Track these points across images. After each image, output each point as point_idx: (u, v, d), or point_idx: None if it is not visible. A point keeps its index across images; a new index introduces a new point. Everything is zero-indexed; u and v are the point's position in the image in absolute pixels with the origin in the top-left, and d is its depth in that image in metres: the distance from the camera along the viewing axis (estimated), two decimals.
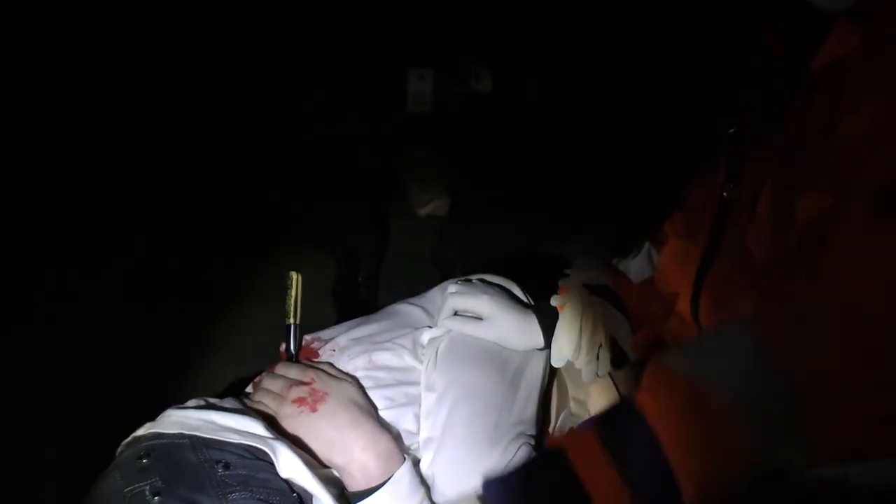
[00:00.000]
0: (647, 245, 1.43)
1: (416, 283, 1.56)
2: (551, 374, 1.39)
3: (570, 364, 1.33)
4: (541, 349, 1.32)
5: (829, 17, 0.87)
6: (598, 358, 1.34)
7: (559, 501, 0.90)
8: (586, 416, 1.40)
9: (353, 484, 1.13)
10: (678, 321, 1.20)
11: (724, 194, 1.07)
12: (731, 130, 1.11)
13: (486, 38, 1.94)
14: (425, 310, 1.37)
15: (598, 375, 1.34)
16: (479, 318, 1.32)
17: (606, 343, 1.34)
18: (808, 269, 0.84)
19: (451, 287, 1.38)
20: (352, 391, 1.20)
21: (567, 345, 1.31)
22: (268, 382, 1.21)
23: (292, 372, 1.22)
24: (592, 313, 1.35)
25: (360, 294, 2.06)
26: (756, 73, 1.10)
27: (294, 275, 1.30)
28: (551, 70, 1.99)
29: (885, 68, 0.80)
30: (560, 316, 1.34)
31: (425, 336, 1.30)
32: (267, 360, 1.29)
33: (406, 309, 1.39)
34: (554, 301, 1.35)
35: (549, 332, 1.33)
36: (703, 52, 1.74)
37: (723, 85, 1.21)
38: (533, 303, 1.39)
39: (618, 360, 1.36)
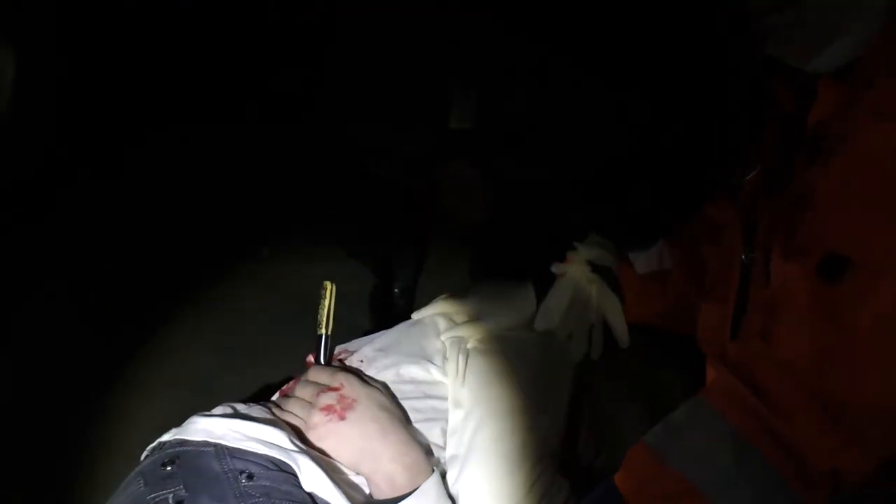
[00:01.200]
0: (660, 242, 1.43)
1: None
2: (579, 393, 1.38)
3: (552, 336, 1.34)
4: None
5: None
6: (590, 338, 1.35)
7: None
8: (614, 437, 1.39)
9: (379, 493, 1.12)
10: None
11: (743, 257, 1.07)
12: (747, 179, 1.10)
13: (524, 58, 1.94)
14: (451, 321, 1.37)
15: (589, 357, 1.35)
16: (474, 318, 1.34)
17: (599, 324, 1.36)
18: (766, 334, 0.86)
19: (440, 297, 1.41)
20: (381, 398, 1.19)
21: (555, 311, 1.33)
22: (300, 390, 1.21)
23: (322, 377, 1.21)
24: (588, 289, 1.36)
25: (396, 306, 2.06)
26: (770, 128, 1.09)
27: (328, 284, 1.30)
28: (590, 92, 1.99)
29: (846, 131, 0.80)
30: (556, 282, 1.35)
31: (448, 349, 1.30)
32: (296, 367, 1.29)
33: (431, 321, 1.39)
34: (554, 268, 1.37)
35: (542, 299, 1.35)
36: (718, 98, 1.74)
37: (737, 135, 1.20)
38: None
39: (609, 348, 1.39)
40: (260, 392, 1.54)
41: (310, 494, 1.06)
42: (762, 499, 0.81)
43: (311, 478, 1.05)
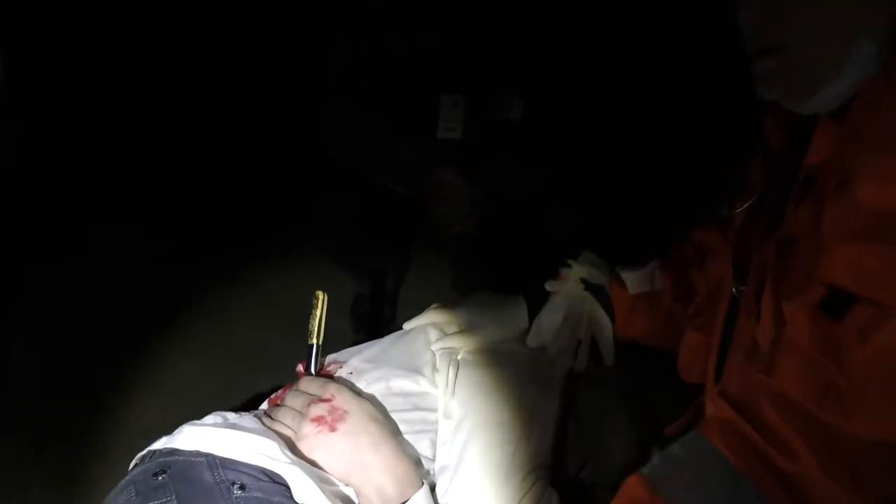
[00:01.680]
0: (654, 262, 1.44)
1: None
2: (568, 406, 1.39)
3: (543, 350, 1.35)
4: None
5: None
6: (576, 354, 1.37)
7: None
8: (602, 450, 1.40)
9: None
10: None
11: (734, 290, 1.07)
12: (738, 211, 1.11)
13: (519, 66, 1.94)
14: (441, 331, 1.37)
15: (573, 371, 1.36)
16: (465, 329, 1.35)
17: (587, 341, 1.37)
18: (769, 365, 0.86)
19: (431, 307, 1.42)
20: (372, 410, 1.19)
21: (547, 328, 1.34)
22: (290, 400, 1.21)
23: (313, 387, 1.21)
24: (581, 307, 1.38)
25: (382, 314, 2.06)
26: (761, 161, 1.10)
27: (320, 294, 1.30)
28: (583, 98, 2.00)
29: (848, 170, 0.80)
30: (549, 299, 1.37)
31: (438, 361, 1.30)
32: (284, 374, 1.28)
33: (422, 331, 1.39)
34: (548, 285, 1.38)
35: (535, 314, 1.37)
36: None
37: (728, 168, 1.21)
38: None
39: (596, 363, 1.40)
40: (250, 401, 1.54)
41: None
42: None
43: (303, 490, 1.05)
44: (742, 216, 1.10)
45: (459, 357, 1.30)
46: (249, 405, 1.28)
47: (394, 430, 1.20)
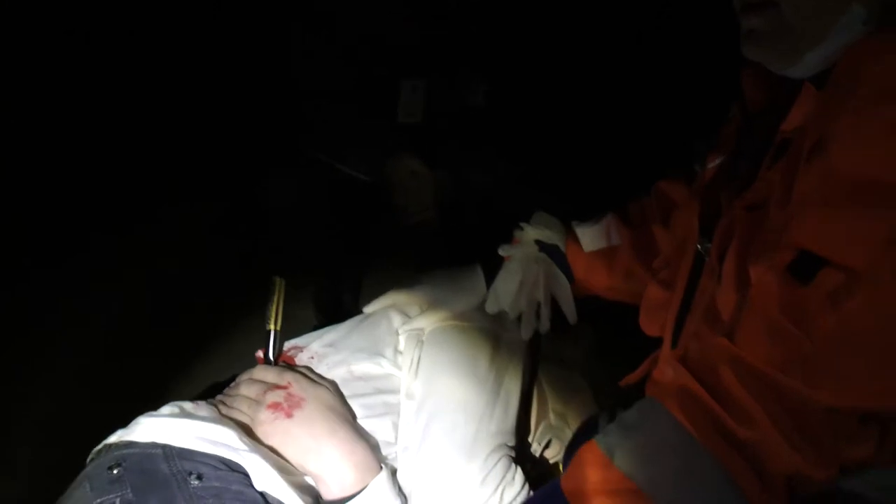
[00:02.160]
0: (608, 216, 1.43)
1: None
2: (531, 383, 1.39)
3: (505, 314, 1.35)
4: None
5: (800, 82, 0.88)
6: (538, 316, 1.36)
7: None
8: (566, 430, 1.40)
9: (328, 493, 1.11)
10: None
11: (699, 246, 1.07)
12: (709, 167, 1.11)
13: (480, 51, 1.94)
14: (404, 314, 1.37)
15: (539, 333, 1.37)
16: (427, 308, 1.34)
17: (547, 302, 1.37)
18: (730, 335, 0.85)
19: (391, 290, 1.42)
20: (329, 397, 1.18)
21: (504, 293, 1.34)
22: (245, 388, 1.20)
23: (270, 376, 1.20)
24: (537, 268, 1.37)
25: (344, 301, 2.05)
26: (736, 117, 1.10)
27: (278, 280, 1.29)
28: (545, 82, 2.00)
29: (828, 134, 0.79)
30: (504, 264, 1.37)
31: (402, 342, 1.29)
32: (242, 363, 1.27)
33: (383, 314, 1.38)
34: (502, 250, 1.38)
35: (492, 281, 1.37)
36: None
37: (704, 121, 1.20)
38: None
39: (558, 323, 1.39)
40: (207, 391, 1.52)
41: (261, 494, 1.04)
42: (711, 501, 0.81)
43: (263, 477, 1.04)
44: (711, 172, 1.10)
45: (424, 337, 1.30)
46: (207, 395, 1.26)
47: (351, 417, 1.20)
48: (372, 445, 1.17)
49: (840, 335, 0.75)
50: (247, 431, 1.13)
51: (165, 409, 1.14)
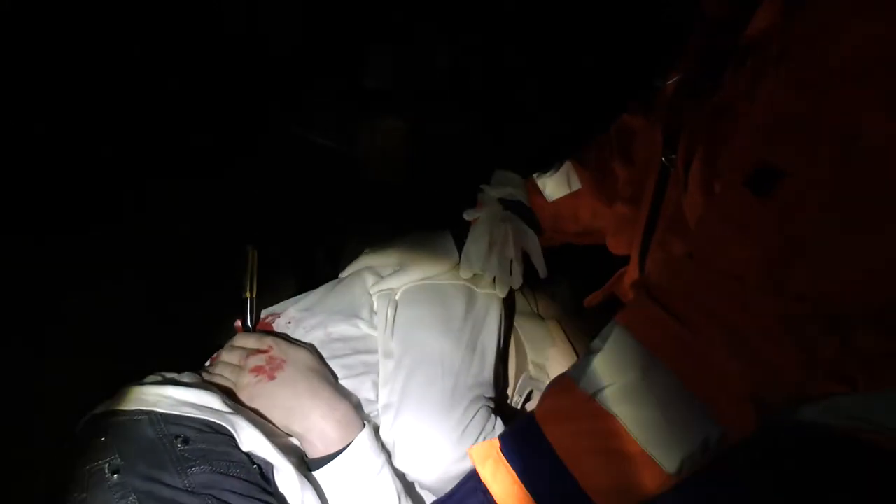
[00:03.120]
0: (567, 164, 1.45)
1: None
2: (508, 336, 1.41)
3: (478, 276, 1.36)
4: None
5: None
6: (511, 273, 1.38)
7: None
8: (546, 380, 1.42)
9: (313, 451, 1.14)
10: (630, 285, 1.22)
11: (663, 159, 1.08)
12: (669, 83, 1.12)
13: (446, 14, 1.95)
14: (377, 275, 1.38)
15: (513, 289, 1.38)
16: (400, 269, 1.36)
17: (518, 258, 1.39)
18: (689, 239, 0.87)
19: (364, 252, 1.44)
20: (309, 358, 1.21)
21: (475, 256, 1.36)
22: (226, 355, 1.22)
23: (250, 342, 1.22)
24: (504, 227, 1.39)
25: (319, 268, 2.06)
26: (697, 32, 1.10)
27: (251, 249, 1.31)
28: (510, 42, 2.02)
29: (787, 43, 0.81)
30: (471, 228, 1.39)
31: (375, 303, 1.31)
32: (224, 335, 1.28)
33: (358, 276, 1.40)
34: (467, 215, 1.40)
35: (462, 245, 1.38)
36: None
37: (664, 37, 1.20)
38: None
39: (533, 277, 1.42)
40: (190, 361, 1.53)
41: (247, 454, 1.07)
42: (670, 416, 0.83)
43: (248, 437, 1.06)
44: (672, 87, 1.11)
45: (398, 297, 1.31)
46: (190, 366, 1.27)
47: (331, 377, 1.22)
48: (354, 404, 1.20)
49: (791, 242, 0.77)
50: (230, 396, 1.15)
51: (149, 378, 1.16)
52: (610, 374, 0.87)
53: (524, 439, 0.93)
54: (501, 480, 0.91)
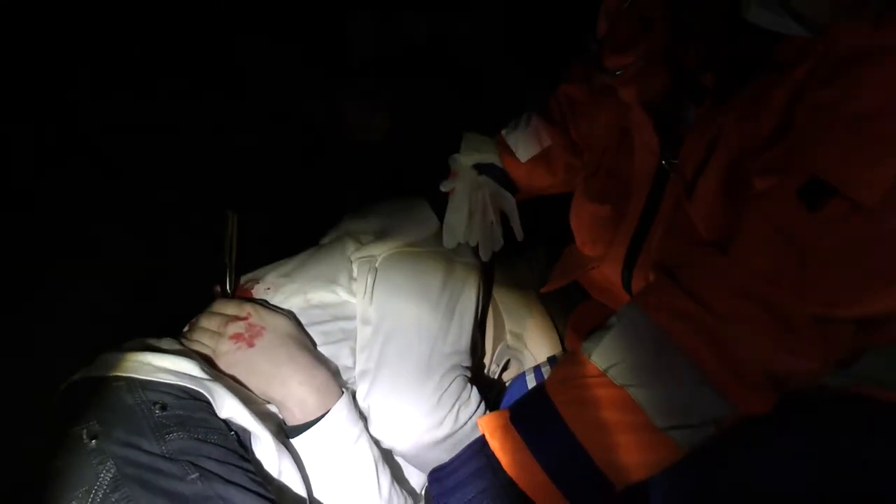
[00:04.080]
0: (534, 118, 1.45)
1: None
2: (486, 306, 1.42)
3: (462, 248, 1.38)
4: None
5: None
6: (491, 237, 1.40)
7: (493, 485, 0.94)
8: (523, 349, 1.44)
9: (292, 418, 1.15)
10: (602, 278, 1.22)
11: (663, 162, 1.07)
12: (617, 71, 1.09)
13: None
14: (357, 241, 1.39)
15: (494, 251, 1.40)
16: (381, 235, 1.37)
17: (498, 221, 1.41)
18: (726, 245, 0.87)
19: (344, 218, 1.45)
20: (288, 325, 1.21)
21: (457, 226, 1.37)
22: (204, 321, 1.22)
23: (229, 308, 1.22)
24: (481, 194, 1.40)
25: (297, 235, 2.05)
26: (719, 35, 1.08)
27: (231, 214, 1.30)
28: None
29: (837, 66, 0.80)
30: (450, 198, 1.39)
31: (355, 269, 1.32)
32: (202, 301, 1.28)
33: (338, 242, 1.40)
34: (443, 186, 1.41)
35: (442, 215, 1.39)
36: None
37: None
38: None
39: (511, 245, 1.43)
40: (168, 326, 1.53)
41: (225, 421, 1.08)
42: (683, 395, 0.85)
43: (226, 404, 1.07)
44: (631, 73, 1.07)
45: (377, 264, 1.32)
46: (169, 331, 1.27)
47: (310, 344, 1.23)
48: (332, 371, 1.20)
49: (836, 257, 0.78)
50: (209, 362, 1.16)
51: (128, 344, 1.16)
52: (624, 351, 0.89)
53: (535, 410, 0.94)
54: (511, 451, 0.92)
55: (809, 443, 0.88)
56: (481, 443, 0.97)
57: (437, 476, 1.02)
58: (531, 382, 1.33)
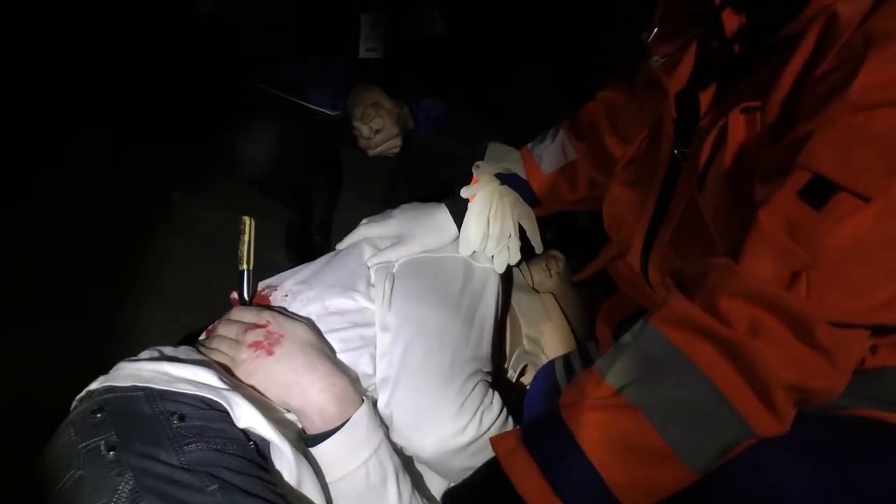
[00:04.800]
0: (560, 132, 1.44)
1: None
2: (504, 310, 1.41)
3: (478, 254, 1.37)
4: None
5: None
6: (508, 249, 1.38)
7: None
8: (540, 354, 1.43)
9: (312, 427, 1.13)
10: (627, 268, 1.21)
11: (675, 151, 1.06)
12: (660, 59, 1.09)
13: None
14: (374, 247, 1.38)
15: (510, 266, 1.39)
16: (398, 241, 1.36)
17: (516, 233, 1.40)
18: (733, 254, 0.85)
19: (361, 223, 1.42)
20: (307, 333, 1.20)
21: (475, 234, 1.36)
22: (223, 329, 1.21)
23: (247, 316, 1.21)
24: (502, 203, 1.39)
25: (314, 241, 2.05)
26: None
27: (247, 220, 1.29)
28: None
29: (838, 49, 0.78)
30: (469, 206, 1.38)
31: (373, 275, 1.31)
32: (219, 310, 1.27)
33: (355, 247, 1.39)
34: (464, 192, 1.39)
35: (461, 222, 1.38)
36: None
37: None
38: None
39: (525, 252, 1.42)
40: (186, 337, 1.53)
41: (244, 431, 1.06)
42: (699, 416, 0.82)
43: (245, 414, 1.05)
44: (672, 63, 1.05)
45: (395, 270, 1.31)
46: (186, 340, 1.27)
47: (329, 352, 1.21)
48: (352, 378, 1.19)
49: (845, 255, 0.76)
50: (227, 371, 1.15)
51: (145, 354, 1.15)
52: (638, 370, 0.87)
53: (547, 429, 0.92)
54: (521, 469, 0.90)
55: (817, 465, 0.85)
56: (493, 461, 0.95)
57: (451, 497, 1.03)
58: (560, 372, 1.32)
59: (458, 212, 1.37)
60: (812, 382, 0.79)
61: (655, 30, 1.10)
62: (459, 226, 1.37)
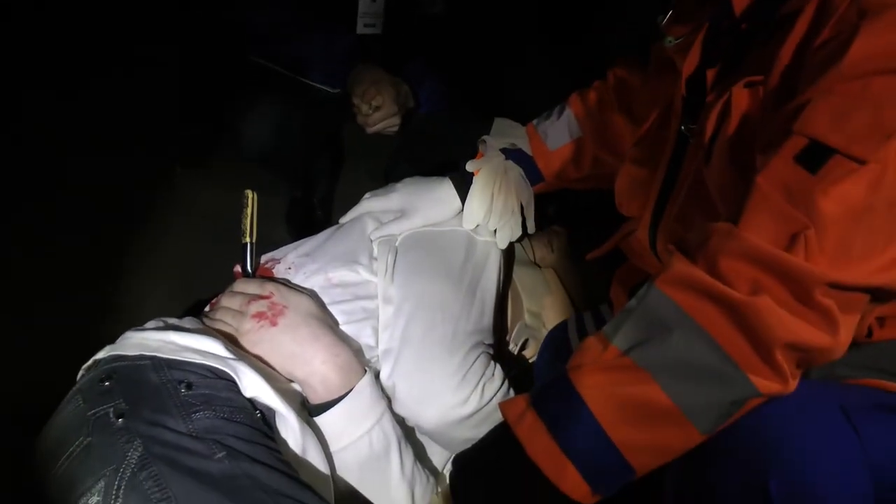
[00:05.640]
0: (566, 110, 1.45)
1: None
2: (506, 284, 1.42)
3: (481, 228, 1.38)
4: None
5: None
6: (511, 224, 1.39)
7: (515, 468, 0.93)
8: (541, 328, 1.43)
9: (315, 397, 1.15)
10: (638, 244, 1.22)
11: (682, 128, 1.07)
12: (671, 41, 1.10)
13: None
14: (377, 220, 1.39)
15: (511, 241, 1.40)
16: (401, 215, 1.36)
17: (518, 210, 1.40)
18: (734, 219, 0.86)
19: (364, 197, 1.43)
20: (310, 304, 1.21)
21: (478, 207, 1.37)
22: (226, 300, 1.22)
23: (251, 287, 1.22)
24: (506, 178, 1.40)
25: (316, 216, 2.05)
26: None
27: (250, 193, 1.30)
28: None
29: (834, 19, 0.80)
30: (474, 180, 1.39)
31: (376, 249, 1.31)
32: (223, 282, 1.28)
33: (358, 221, 1.40)
34: (469, 166, 1.40)
35: (465, 195, 1.38)
36: None
37: None
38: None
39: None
40: (191, 308, 1.53)
41: (250, 400, 1.08)
42: (706, 376, 0.83)
43: (251, 383, 1.07)
44: (686, 48, 1.07)
45: (398, 243, 1.32)
46: (191, 312, 1.28)
47: (333, 323, 1.23)
48: (355, 350, 1.20)
49: (842, 217, 0.78)
50: (232, 341, 1.16)
51: (151, 324, 1.16)
52: (644, 332, 0.88)
53: (555, 391, 0.93)
54: (532, 433, 0.91)
55: (822, 423, 0.87)
56: (505, 427, 0.96)
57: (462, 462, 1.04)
58: (572, 331, 1.34)
59: (463, 186, 1.38)
60: (811, 342, 0.80)
61: (670, 12, 1.12)
62: (463, 200, 1.38)
